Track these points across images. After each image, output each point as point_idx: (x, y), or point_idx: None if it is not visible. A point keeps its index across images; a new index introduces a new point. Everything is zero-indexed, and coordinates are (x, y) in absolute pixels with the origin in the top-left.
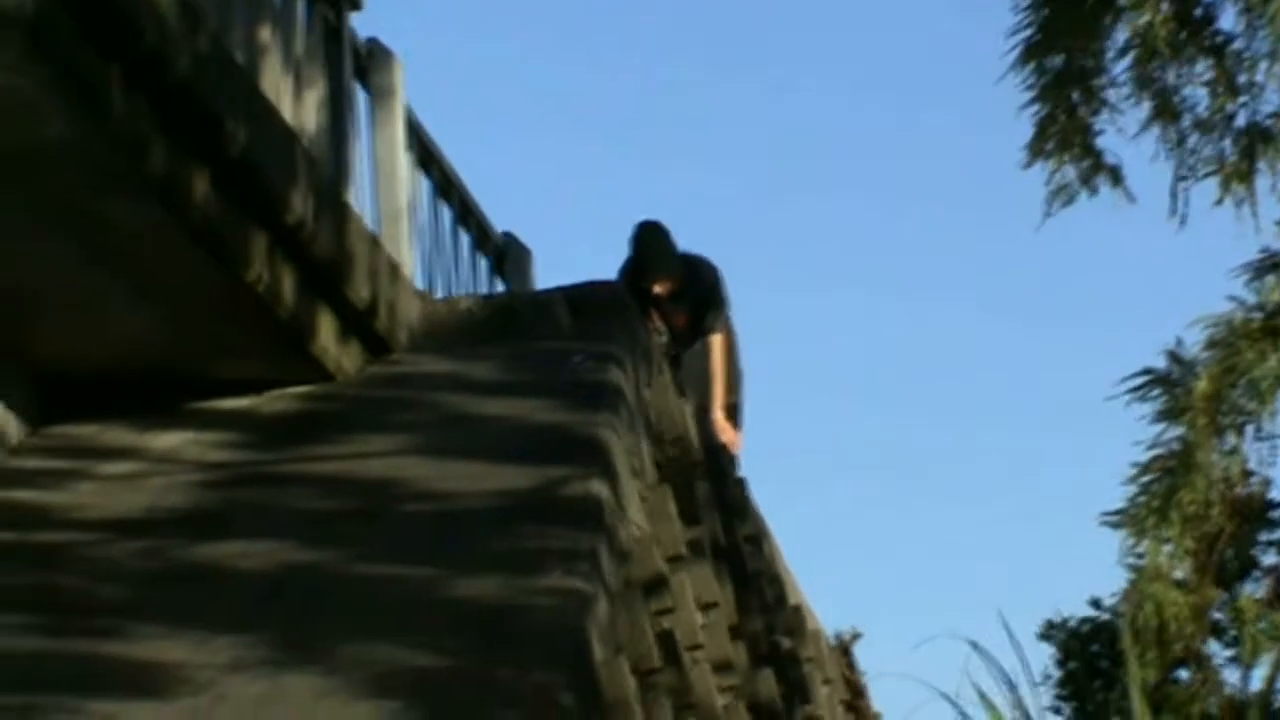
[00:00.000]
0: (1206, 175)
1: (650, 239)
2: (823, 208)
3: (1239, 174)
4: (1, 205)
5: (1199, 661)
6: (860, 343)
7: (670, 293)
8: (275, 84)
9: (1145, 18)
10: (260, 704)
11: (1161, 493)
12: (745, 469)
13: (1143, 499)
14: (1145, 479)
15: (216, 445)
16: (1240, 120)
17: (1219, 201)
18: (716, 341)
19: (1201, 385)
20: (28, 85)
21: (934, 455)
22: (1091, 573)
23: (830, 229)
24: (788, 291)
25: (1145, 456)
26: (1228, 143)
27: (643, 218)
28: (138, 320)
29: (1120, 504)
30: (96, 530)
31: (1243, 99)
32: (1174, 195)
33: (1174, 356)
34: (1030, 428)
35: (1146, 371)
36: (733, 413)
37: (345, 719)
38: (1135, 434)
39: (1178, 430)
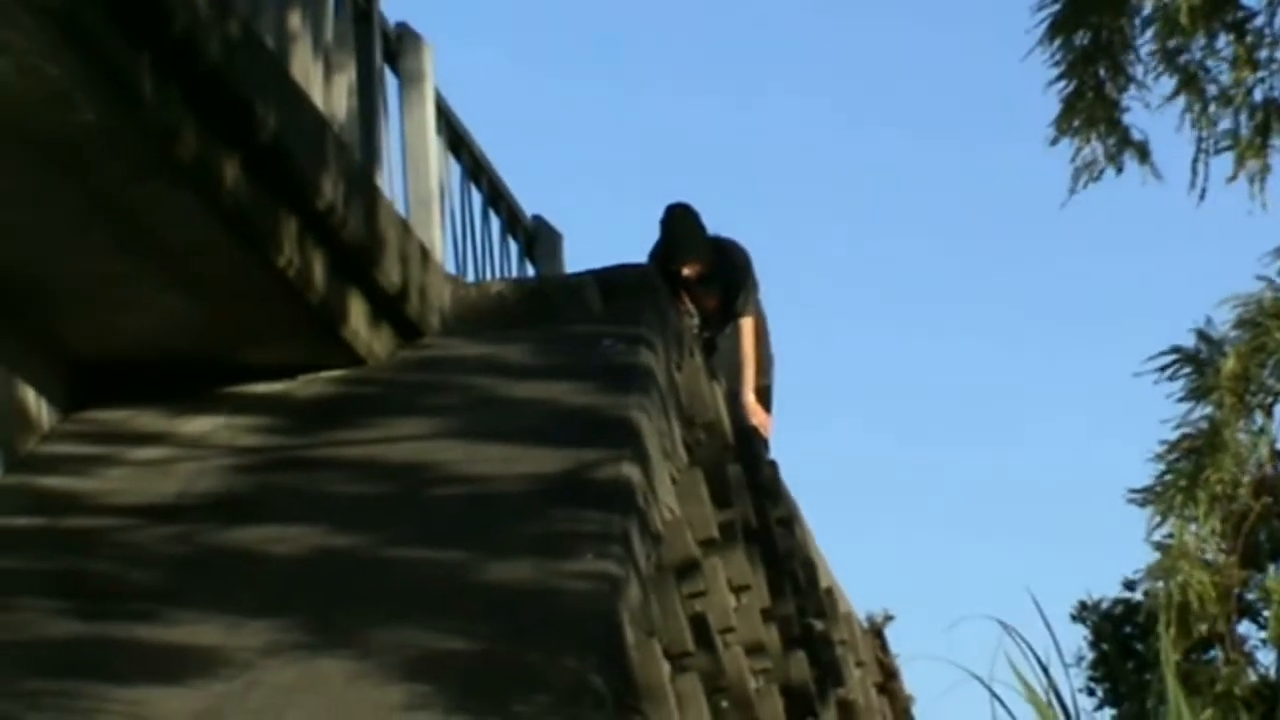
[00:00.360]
0: (1222, 150)
1: (680, 221)
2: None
3: (1253, 149)
4: (33, 192)
5: (1227, 642)
6: (890, 336)
7: (700, 275)
8: (305, 69)
9: None
10: (293, 689)
11: (1189, 472)
12: (776, 451)
13: (1170, 477)
14: (1172, 457)
15: (248, 430)
16: (1257, 96)
17: (1233, 178)
18: (747, 324)
19: (1229, 364)
20: (59, 74)
21: (965, 435)
22: (1124, 553)
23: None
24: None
25: (1173, 435)
26: (1244, 117)
27: (673, 201)
28: (169, 306)
29: (1148, 482)
30: (128, 516)
31: (1260, 74)
32: (1194, 169)
33: (1202, 335)
34: (1061, 406)
35: (1175, 350)
36: (764, 395)
37: (377, 703)
38: (1164, 412)
39: (1205, 409)
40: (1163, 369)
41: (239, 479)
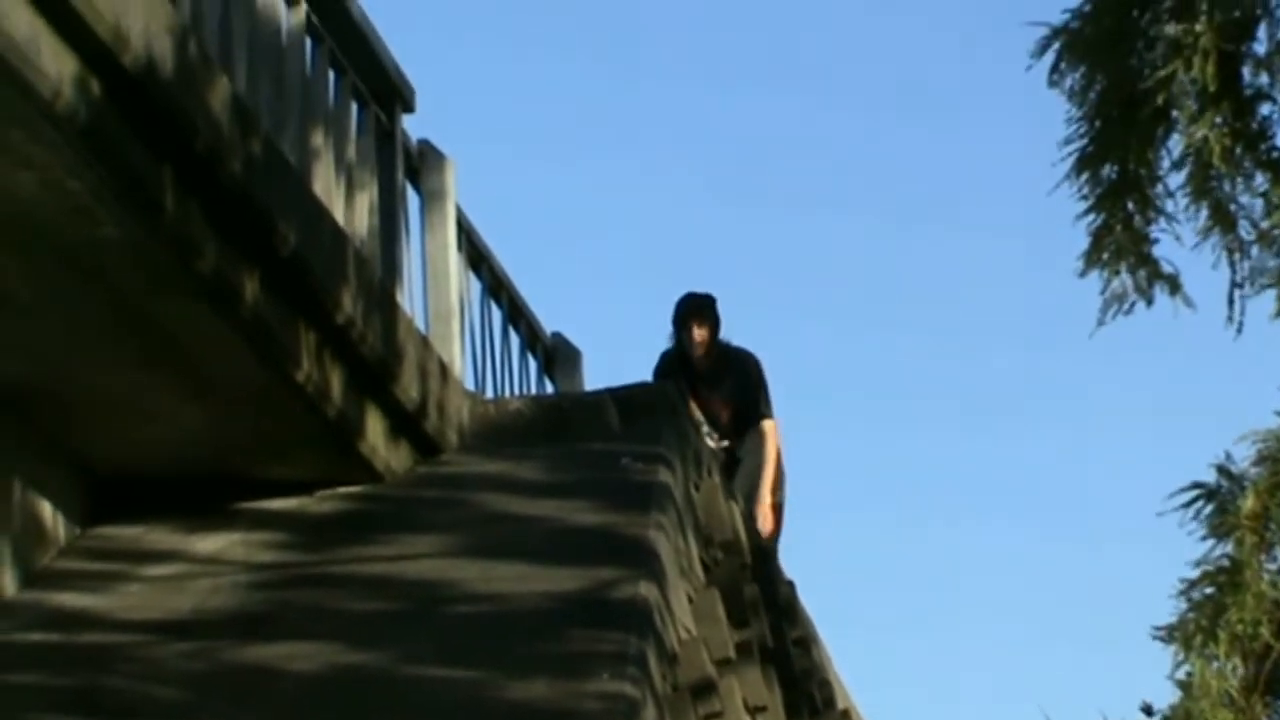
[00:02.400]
0: (1265, 288)
1: (696, 295)
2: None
3: None
4: (54, 304)
5: None
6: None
7: (707, 347)
8: (327, 185)
9: (1201, 131)
10: None
11: (1210, 610)
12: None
13: (1191, 616)
14: (1194, 595)
15: (264, 546)
16: None
17: (1278, 314)
18: (770, 427)
19: (1249, 503)
20: (83, 188)
21: (985, 560)
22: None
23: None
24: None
25: (1194, 572)
26: None
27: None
28: (187, 420)
29: (1171, 618)
30: (143, 632)
31: None
32: (1230, 303)
33: (1223, 471)
34: (1084, 536)
35: (1196, 485)
36: (776, 511)
37: None
38: (1187, 547)
39: (1226, 547)
40: (1185, 505)
41: (254, 596)
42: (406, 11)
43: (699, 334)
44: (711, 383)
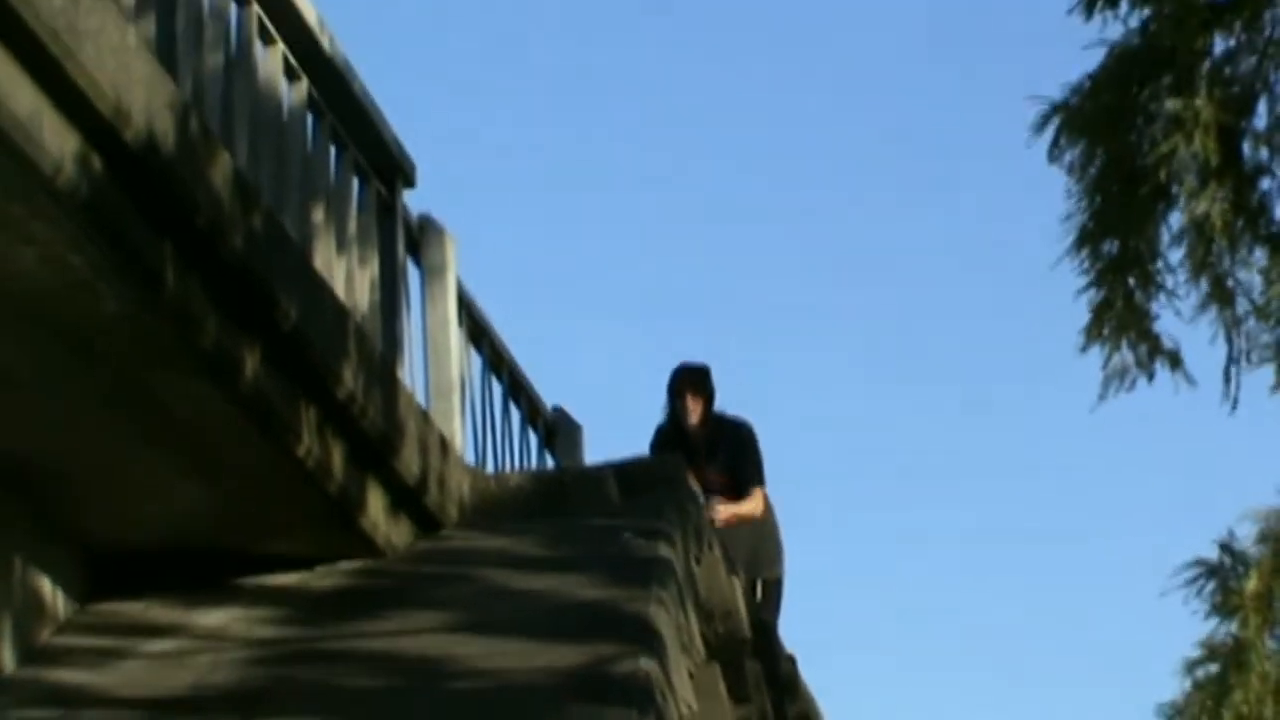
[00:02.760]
0: (1263, 362)
1: (691, 366)
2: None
3: None
4: (54, 379)
5: None
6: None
7: (702, 417)
8: (328, 260)
9: (1202, 206)
10: None
11: (1213, 690)
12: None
13: (1196, 695)
14: (1198, 673)
15: (264, 622)
16: None
17: (1276, 387)
18: (757, 494)
19: (1252, 583)
20: (84, 263)
21: (980, 634)
22: None
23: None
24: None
25: (1198, 651)
26: None
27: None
28: (187, 494)
29: (1174, 696)
30: (143, 709)
31: None
32: (1227, 379)
33: (1226, 548)
34: (1083, 610)
35: (1199, 562)
36: (775, 587)
37: None
38: (1190, 625)
39: (1230, 626)
40: (1189, 583)
41: (255, 671)
42: (408, 83)
43: (694, 405)
44: (707, 453)
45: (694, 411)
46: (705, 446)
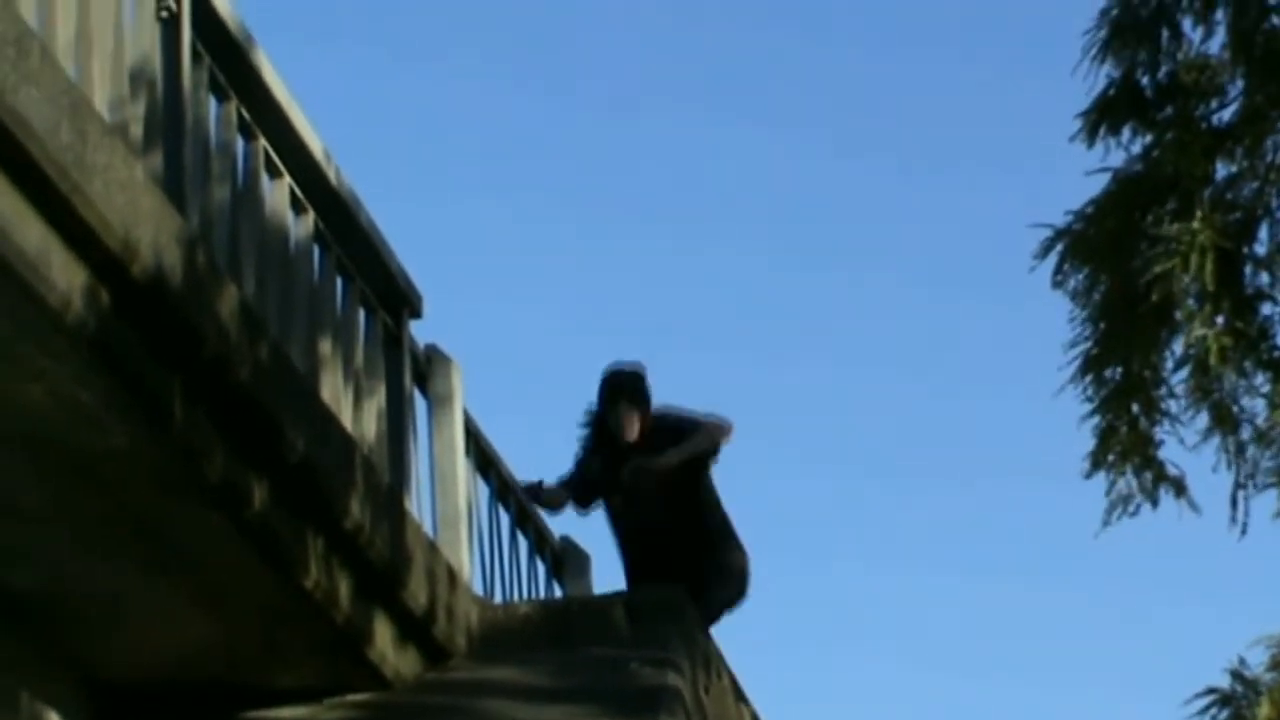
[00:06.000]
0: (1267, 487)
1: (622, 373)
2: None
3: None
4: (59, 512)
5: None
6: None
7: (639, 436)
8: (335, 391)
9: (1200, 330)
10: None
11: None
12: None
13: None
14: None
15: None
16: None
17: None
18: (710, 422)
19: (1264, 711)
20: (91, 398)
21: None
22: None
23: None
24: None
25: None
26: None
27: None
28: (194, 626)
29: None
30: None
31: None
32: (1234, 504)
33: (1238, 676)
34: None
35: (1211, 690)
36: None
37: None
38: None
39: None
40: (1201, 711)
41: None
42: (413, 214)
43: (628, 421)
44: (645, 452)
45: (630, 427)
46: (643, 453)
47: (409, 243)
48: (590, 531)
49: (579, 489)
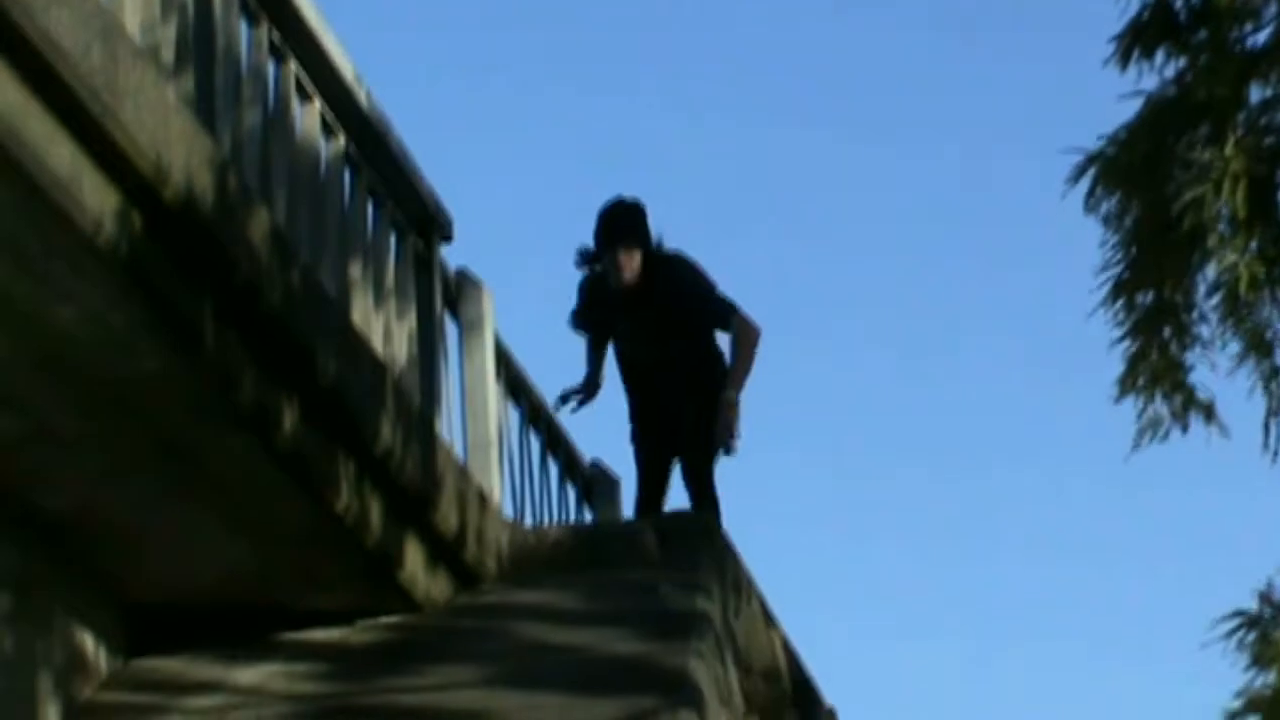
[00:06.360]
0: None
1: (620, 208)
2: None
3: None
4: (93, 437)
5: None
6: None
7: (635, 277)
8: (366, 315)
9: (1231, 257)
10: None
11: None
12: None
13: None
14: None
15: (304, 677)
16: None
17: None
18: (741, 322)
19: None
20: (123, 321)
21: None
22: None
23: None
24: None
25: (1238, 702)
26: None
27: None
28: (227, 551)
29: None
30: None
31: None
32: (1266, 430)
33: (1265, 599)
34: (1122, 664)
35: (1239, 614)
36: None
37: None
38: (1230, 676)
39: (1269, 676)
40: (1229, 634)
41: None
42: (443, 138)
43: (627, 260)
44: (639, 306)
45: (628, 269)
46: (636, 299)
47: (439, 166)
48: (620, 455)
49: (591, 353)
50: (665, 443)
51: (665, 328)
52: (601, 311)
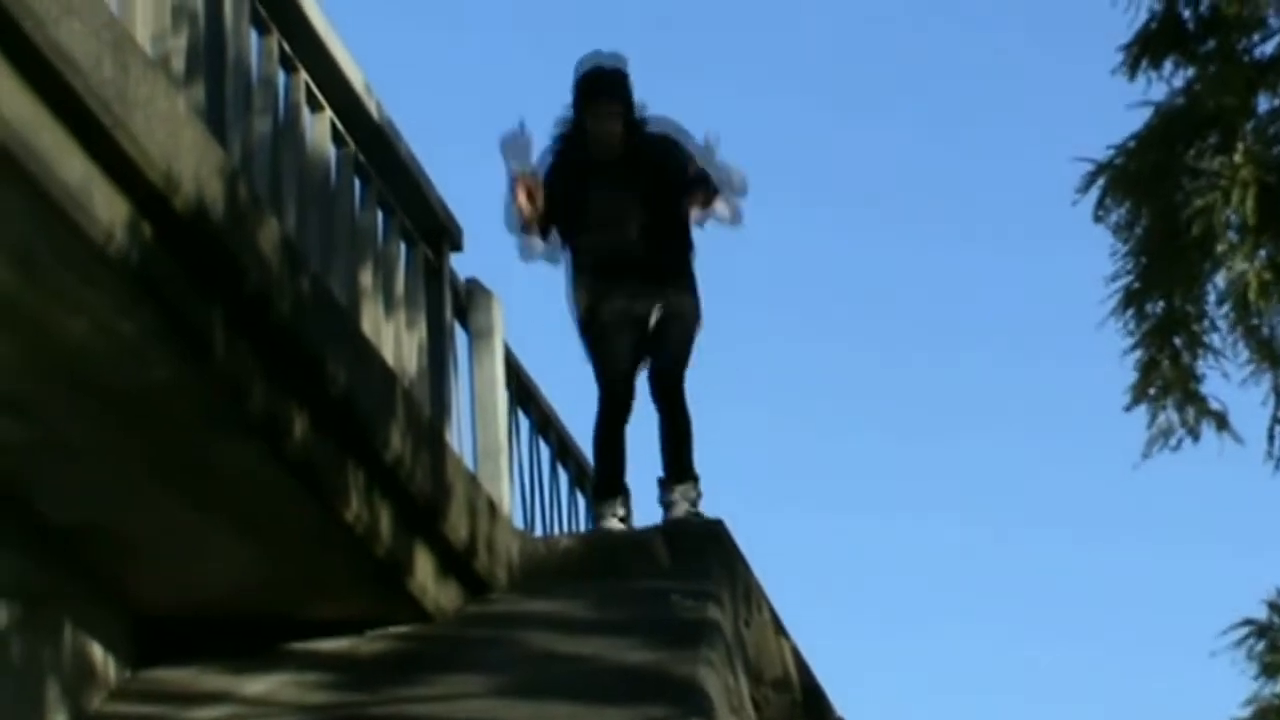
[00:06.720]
0: None
1: (603, 67)
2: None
3: None
4: (103, 445)
5: None
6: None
7: (620, 134)
8: (376, 323)
9: (1241, 266)
10: None
11: None
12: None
13: None
14: None
15: (313, 687)
16: None
17: None
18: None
19: None
20: (134, 330)
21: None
22: None
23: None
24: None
25: (1246, 711)
26: None
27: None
28: (237, 560)
29: None
30: None
31: None
32: (1270, 438)
33: (1275, 607)
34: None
35: (1248, 622)
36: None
37: None
38: (1239, 685)
39: (1276, 685)
40: (1238, 643)
41: None
42: (454, 147)
43: (611, 122)
44: (620, 174)
45: (610, 131)
46: (617, 166)
47: (450, 176)
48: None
49: (544, 216)
50: (633, 346)
51: (642, 208)
52: (567, 184)
